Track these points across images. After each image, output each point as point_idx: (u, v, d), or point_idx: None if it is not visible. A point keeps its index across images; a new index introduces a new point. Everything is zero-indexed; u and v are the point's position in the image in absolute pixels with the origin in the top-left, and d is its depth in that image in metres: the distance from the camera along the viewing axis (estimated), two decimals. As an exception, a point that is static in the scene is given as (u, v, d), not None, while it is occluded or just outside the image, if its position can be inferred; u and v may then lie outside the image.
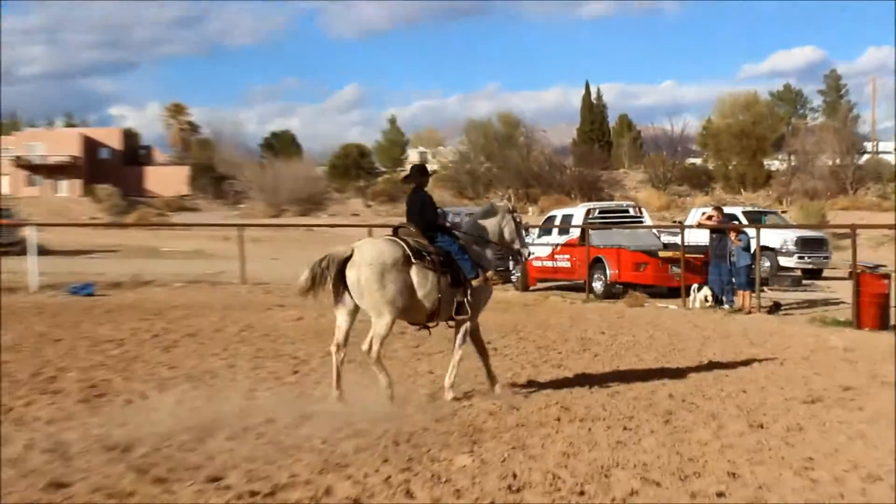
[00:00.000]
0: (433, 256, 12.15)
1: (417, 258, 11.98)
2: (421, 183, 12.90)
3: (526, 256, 13.91)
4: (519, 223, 13.43)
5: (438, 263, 12.14)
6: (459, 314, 12.41)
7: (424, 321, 12.42)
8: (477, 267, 12.56)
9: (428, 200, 12.77)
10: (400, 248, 11.99)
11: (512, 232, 13.22)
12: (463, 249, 12.55)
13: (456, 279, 12.30)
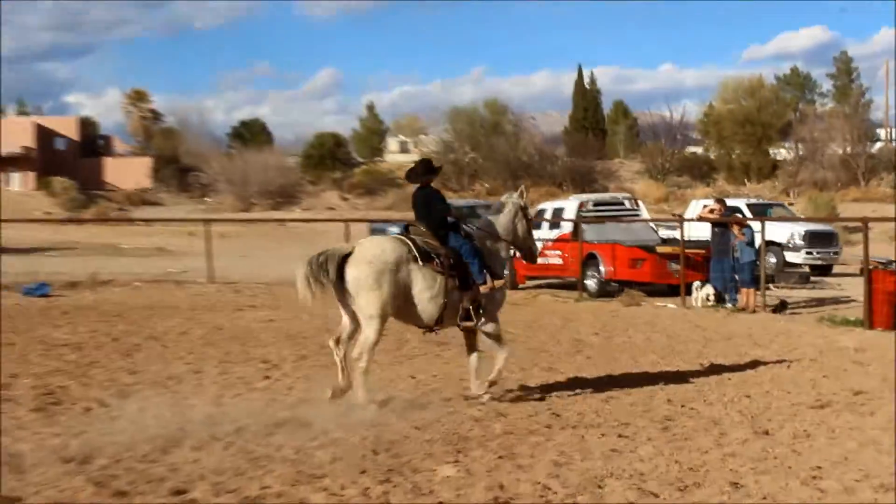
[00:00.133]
0: (442, 259, 12.27)
1: (425, 260, 12.12)
2: (427, 180, 13.00)
3: (535, 257, 14.06)
4: (531, 220, 13.59)
5: (448, 266, 12.26)
6: (465, 320, 12.53)
7: (431, 325, 12.52)
8: (486, 271, 12.64)
9: (437, 197, 12.90)
10: (405, 247, 12.13)
11: (524, 230, 13.39)
12: (474, 251, 12.65)
13: (464, 283, 12.40)
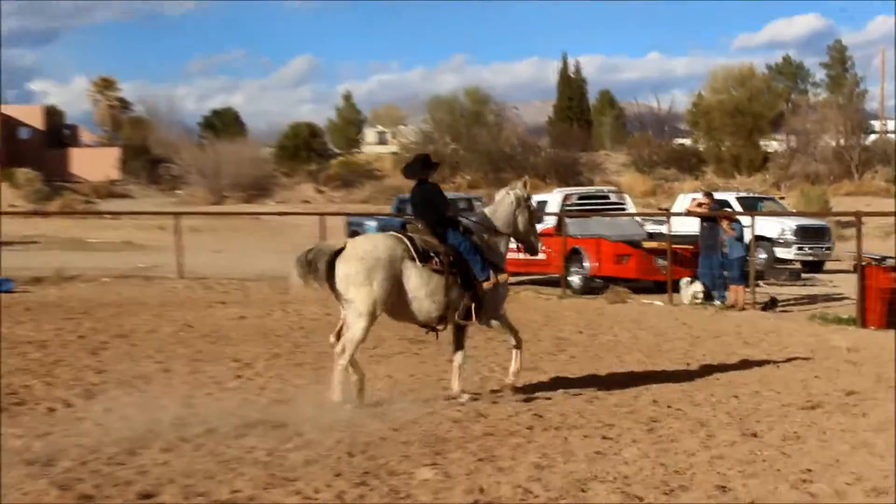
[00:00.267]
0: (441, 257, 12.31)
1: (423, 259, 12.16)
2: (425, 176, 13.04)
3: (538, 250, 14.13)
4: (534, 213, 13.62)
5: (447, 264, 12.30)
6: (466, 318, 12.59)
7: (432, 324, 12.60)
8: (488, 267, 12.70)
9: (436, 193, 12.94)
10: (401, 245, 12.19)
11: (526, 223, 13.45)
12: (474, 247, 12.70)
13: (466, 280, 12.44)
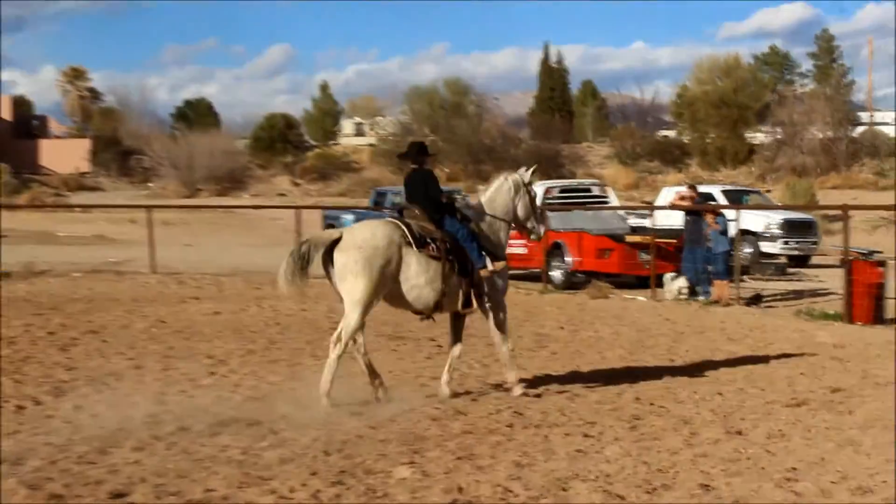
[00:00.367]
0: (438, 243, 12.35)
1: (420, 245, 12.20)
2: (420, 162, 13.11)
3: (540, 235, 14.18)
4: (534, 198, 13.68)
5: (444, 251, 12.34)
6: (466, 307, 12.66)
7: (429, 311, 12.64)
8: (485, 255, 12.75)
9: (430, 179, 13.00)
10: (399, 231, 12.23)
11: (526, 208, 13.51)
12: (472, 234, 12.75)
13: (463, 268, 12.49)
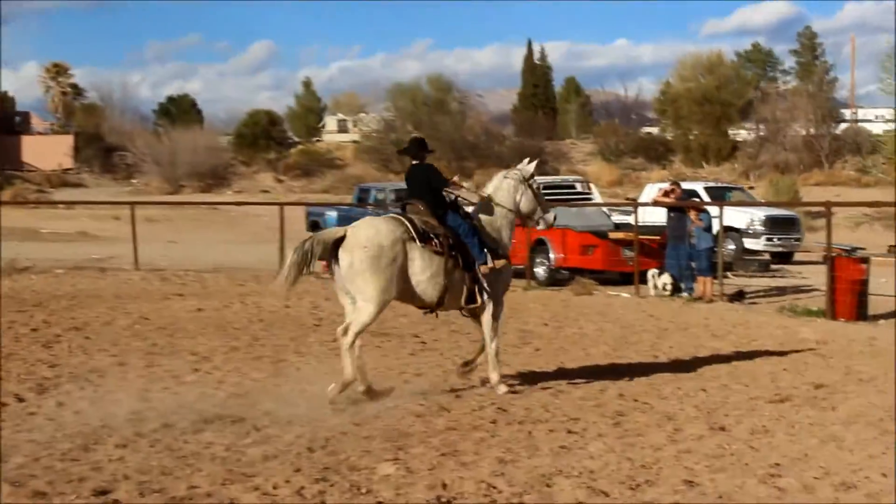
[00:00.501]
0: (441, 238, 12.40)
1: (423, 240, 12.23)
2: (420, 157, 13.15)
3: (550, 224, 14.18)
4: (537, 190, 13.73)
5: (447, 246, 12.39)
6: (470, 302, 12.72)
7: (432, 306, 12.72)
8: (487, 251, 12.80)
9: (432, 172, 13.05)
10: (402, 227, 12.24)
11: (530, 201, 13.63)
12: (473, 230, 12.80)
13: (467, 264, 12.55)
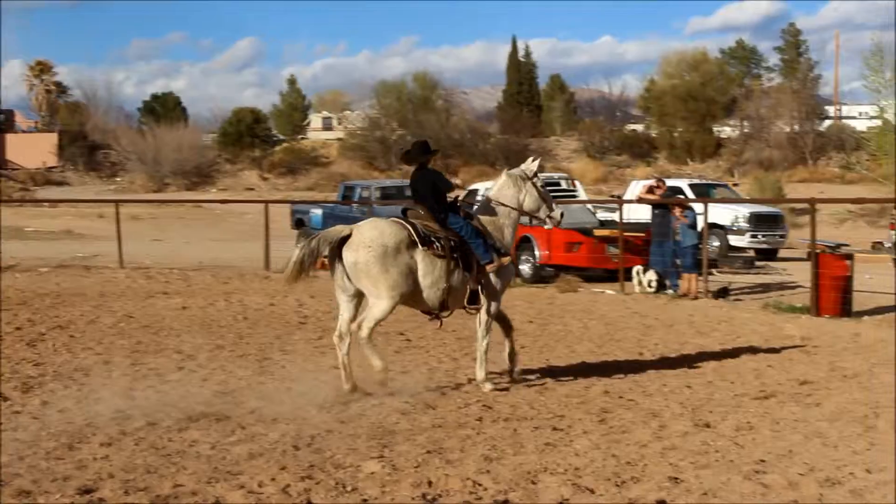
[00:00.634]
0: (443, 242, 12.44)
1: (425, 244, 12.28)
2: (424, 161, 13.17)
3: (558, 221, 14.07)
4: (541, 188, 13.73)
5: (449, 249, 12.43)
6: (473, 303, 12.79)
7: (435, 310, 12.74)
8: (492, 251, 12.83)
9: (437, 177, 13.06)
10: (404, 230, 12.31)
11: (535, 200, 13.62)
12: (477, 232, 12.84)
13: (468, 265, 12.58)
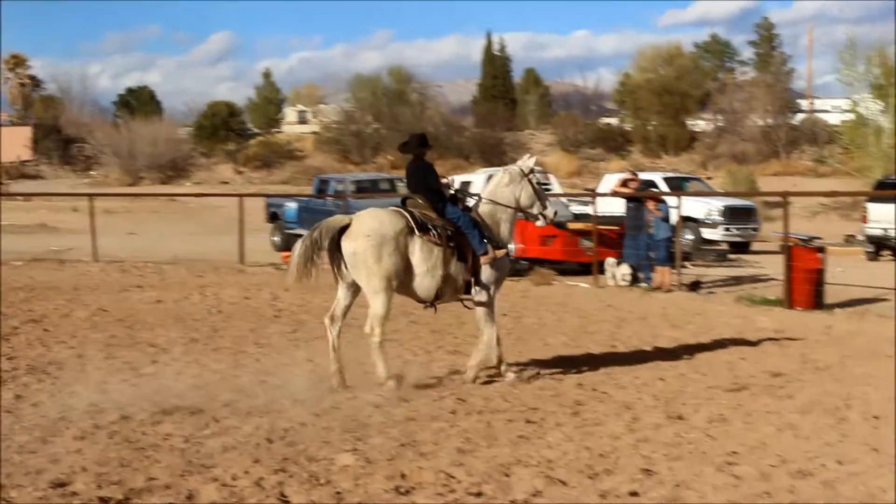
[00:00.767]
0: (439, 230, 12.50)
1: (422, 231, 12.36)
2: (421, 153, 13.27)
3: (551, 218, 14.03)
4: (537, 185, 13.74)
5: (446, 237, 12.49)
6: (468, 293, 12.87)
7: (430, 299, 12.78)
8: (487, 242, 12.88)
9: (430, 172, 13.16)
10: (403, 219, 12.40)
11: (530, 196, 13.61)
12: (474, 223, 12.91)
13: (463, 255, 12.65)
